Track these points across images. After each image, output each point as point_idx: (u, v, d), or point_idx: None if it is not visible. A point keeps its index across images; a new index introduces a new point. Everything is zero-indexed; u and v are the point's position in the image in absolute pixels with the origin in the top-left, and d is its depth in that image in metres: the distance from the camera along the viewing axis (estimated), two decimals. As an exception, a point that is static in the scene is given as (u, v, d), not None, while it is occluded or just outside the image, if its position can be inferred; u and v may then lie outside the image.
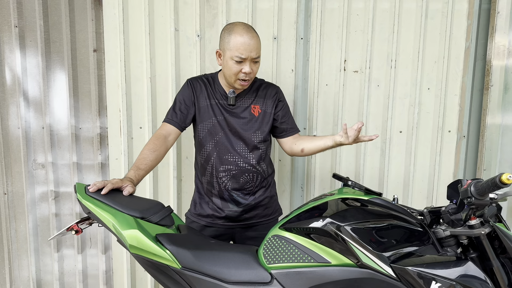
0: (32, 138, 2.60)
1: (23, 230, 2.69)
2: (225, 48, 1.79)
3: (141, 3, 2.34)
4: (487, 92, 2.42)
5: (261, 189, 1.97)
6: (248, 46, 1.75)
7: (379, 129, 2.51)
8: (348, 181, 1.60)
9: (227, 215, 1.93)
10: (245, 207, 1.93)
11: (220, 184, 1.91)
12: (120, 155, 2.44)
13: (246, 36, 1.76)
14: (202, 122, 1.91)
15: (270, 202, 2.03)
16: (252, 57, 1.78)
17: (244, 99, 1.94)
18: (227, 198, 1.92)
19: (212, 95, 1.92)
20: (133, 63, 2.39)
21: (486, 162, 2.46)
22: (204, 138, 1.91)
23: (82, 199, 1.46)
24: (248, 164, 1.91)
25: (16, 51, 2.50)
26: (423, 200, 2.57)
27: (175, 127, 1.87)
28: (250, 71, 1.80)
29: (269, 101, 1.97)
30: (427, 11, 2.41)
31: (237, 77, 1.82)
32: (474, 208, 1.28)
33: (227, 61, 1.80)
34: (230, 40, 1.76)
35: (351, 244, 1.31)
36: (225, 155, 1.90)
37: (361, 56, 2.45)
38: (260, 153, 1.94)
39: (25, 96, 2.56)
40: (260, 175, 1.95)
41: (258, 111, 1.94)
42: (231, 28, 1.80)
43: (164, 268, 1.44)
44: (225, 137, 1.90)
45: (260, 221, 2.00)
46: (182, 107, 1.90)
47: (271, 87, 2.02)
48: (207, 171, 1.94)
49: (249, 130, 1.91)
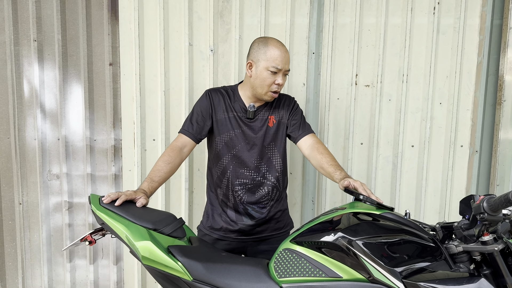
0: (47, 149, 2.65)
1: (36, 240, 2.73)
2: (260, 59, 1.81)
3: (156, 18, 2.40)
4: (499, 107, 2.41)
5: (276, 202, 1.97)
6: (284, 58, 1.81)
7: (390, 144, 2.51)
8: (359, 195, 1.60)
9: (240, 229, 1.93)
10: (259, 221, 1.93)
11: (236, 197, 1.91)
12: (133, 167, 2.47)
13: (282, 48, 1.82)
14: (220, 135, 1.91)
15: (283, 215, 2.03)
16: (285, 69, 1.83)
17: (262, 113, 1.93)
18: (242, 211, 1.92)
19: (231, 108, 1.91)
20: (148, 77, 2.44)
21: (499, 177, 2.44)
22: (222, 151, 1.91)
23: (96, 210, 1.49)
24: (264, 178, 1.92)
25: (35, 64, 2.57)
26: (435, 215, 2.55)
27: (191, 139, 1.87)
28: (283, 82, 1.84)
29: (284, 111, 1.97)
30: (438, 26, 2.42)
31: (269, 89, 1.83)
32: (487, 224, 1.27)
33: (262, 72, 1.81)
34: (267, 51, 1.79)
35: (362, 259, 1.31)
36: (242, 168, 1.90)
37: (373, 70, 2.47)
38: (275, 166, 1.94)
39: (42, 108, 2.61)
40: (275, 188, 1.95)
41: (273, 122, 1.94)
42: (265, 40, 1.84)
43: (176, 280, 1.45)
44: (242, 151, 1.90)
45: (272, 234, 1.99)
46: (199, 118, 1.90)
47: (286, 98, 2.02)
48: (223, 184, 1.93)
49: (265, 142, 1.91)
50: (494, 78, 2.48)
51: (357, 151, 2.53)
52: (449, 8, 2.42)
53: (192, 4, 2.41)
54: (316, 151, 1.88)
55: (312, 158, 1.89)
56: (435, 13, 2.41)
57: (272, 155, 1.93)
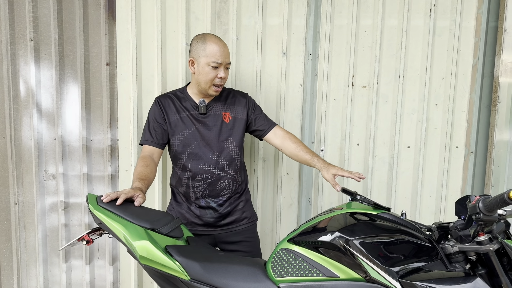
0: (44, 149, 2.64)
1: (32, 240, 2.72)
2: (200, 55, 1.88)
3: (153, 19, 2.40)
4: (494, 108, 2.43)
5: (236, 194, 2.04)
6: (223, 53, 1.89)
7: (387, 144, 2.52)
8: (356, 195, 1.61)
9: (206, 222, 2.00)
10: (222, 212, 2.00)
11: (197, 192, 1.97)
12: (130, 167, 2.47)
13: (220, 43, 1.90)
14: (175, 136, 1.97)
15: (246, 206, 2.10)
16: (226, 63, 1.91)
17: (214, 108, 2.01)
18: (204, 205, 1.98)
19: (182, 108, 1.99)
20: (145, 77, 2.44)
21: (494, 178, 2.46)
22: (178, 150, 1.97)
23: (94, 209, 1.49)
24: (223, 172, 1.97)
25: (31, 64, 2.56)
26: (431, 215, 2.56)
27: (155, 147, 1.95)
28: (225, 76, 1.91)
29: (240, 107, 2.05)
30: (434, 28, 2.44)
31: (212, 83, 1.90)
32: (482, 224, 1.28)
33: (203, 68, 1.89)
34: (206, 48, 1.87)
35: (359, 259, 1.32)
36: (200, 164, 1.95)
37: (369, 71, 2.48)
38: (234, 160, 2.00)
39: (38, 108, 2.61)
40: (235, 181, 2.02)
41: (229, 118, 2.01)
42: (204, 37, 1.91)
43: (173, 280, 1.45)
44: (198, 147, 1.95)
45: (240, 224, 2.06)
46: (155, 125, 1.97)
47: (240, 95, 2.10)
48: (183, 181, 1.99)
49: (221, 137, 1.98)
50: (489, 80, 2.50)
51: (354, 152, 2.54)
52: (445, 10, 2.43)
53: (190, 5, 2.42)
54: (288, 140, 2.03)
55: (285, 147, 2.04)
56: (431, 15, 2.43)
57: (231, 149, 1.99)
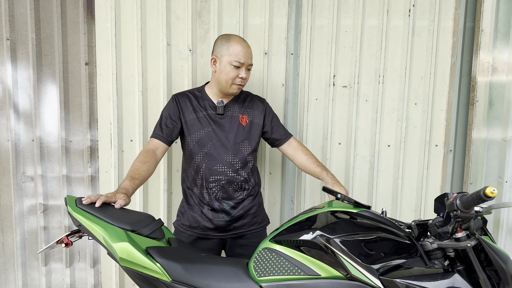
0: (21, 150, 2.59)
1: (10, 244, 2.66)
2: (223, 54, 1.89)
3: (133, 18, 2.37)
4: (472, 107, 2.48)
5: (249, 197, 2.02)
6: (246, 53, 1.90)
7: (367, 143, 2.55)
8: (337, 194, 1.62)
9: (218, 225, 1.96)
10: (235, 216, 1.97)
11: (211, 194, 1.95)
12: (110, 168, 2.44)
13: (244, 44, 1.91)
14: (191, 135, 1.95)
15: (258, 210, 2.08)
16: (248, 64, 1.91)
17: (232, 109, 2.00)
18: (217, 208, 1.96)
19: (199, 108, 1.98)
20: (125, 77, 2.41)
21: (472, 175, 2.50)
22: (193, 150, 1.95)
23: (73, 211, 1.46)
24: (237, 174, 1.95)
25: (7, 63, 2.50)
26: (411, 213, 2.60)
27: (162, 142, 1.93)
28: (246, 76, 1.91)
29: (257, 112, 2.06)
30: (413, 28, 2.48)
31: (233, 82, 1.91)
32: (460, 221, 1.30)
33: (225, 67, 1.89)
34: (230, 47, 1.88)
35: (340, 257, 1.33)
36: (215, 165, 1.93)
37: (350, 71, 2.50)
38: (248, 163, 1.99)
39: (16, 109, 2.55)
40: (248, 184, 2.00)
41: (246, 121, 2.01)
42: (228, 37, 1.92)
43: (154, 281, 1.43)
44: (213, 148, 1.94)
45: (250, 229, 2.04)
46: (167, 122, 1.96)
47: (258, 99, 2.11)
48: (197, 182, 1.96)
49: (237, 140, 1.97)
50: (467, 79, 2.55)
51: (335, 151, 2.56)
52: (423, 11, 2.47)
53: (170, 4, 2.39)
54: (300, 152, 2.11)
55: (296, 158, 2.12)
56: (410, 16, 2.46)
57: (246, 152, 1.99)
